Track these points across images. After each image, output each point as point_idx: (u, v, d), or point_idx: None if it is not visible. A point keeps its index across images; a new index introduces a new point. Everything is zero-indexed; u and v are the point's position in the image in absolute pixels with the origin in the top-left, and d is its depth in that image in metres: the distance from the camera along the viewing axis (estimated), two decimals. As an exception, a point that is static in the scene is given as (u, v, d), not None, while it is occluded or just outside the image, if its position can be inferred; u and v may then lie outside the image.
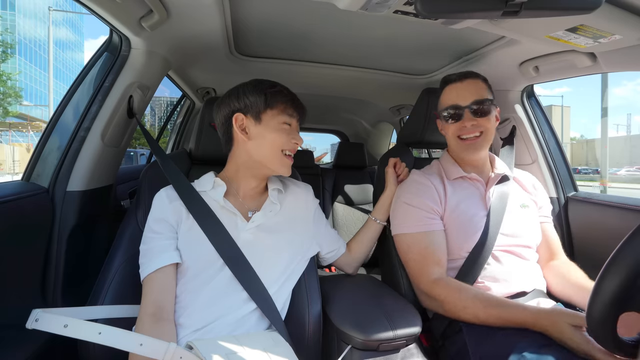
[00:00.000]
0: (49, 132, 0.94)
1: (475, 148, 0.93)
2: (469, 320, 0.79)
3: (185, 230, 0.77)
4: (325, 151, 20.08)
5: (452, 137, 0.96)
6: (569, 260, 0.98)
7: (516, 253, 0.91)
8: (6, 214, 0.75)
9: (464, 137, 0.94)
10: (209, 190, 0.82)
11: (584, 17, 0.65)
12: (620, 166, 31.79)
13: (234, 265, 0.74)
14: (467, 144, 0.94)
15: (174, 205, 0.78)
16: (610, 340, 0.51)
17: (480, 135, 0.92)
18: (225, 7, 0.89)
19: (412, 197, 0.95)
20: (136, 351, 0.60)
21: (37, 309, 0.62)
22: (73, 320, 0.61)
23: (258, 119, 0.81)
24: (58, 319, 0.61)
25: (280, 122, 0.81)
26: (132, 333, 0.62)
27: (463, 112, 0.92)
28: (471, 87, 0.93)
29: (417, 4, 0.53)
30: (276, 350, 0.69)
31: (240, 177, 0.85)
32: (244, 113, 0.81)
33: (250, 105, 0.81)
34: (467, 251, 0.89)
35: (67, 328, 0.60)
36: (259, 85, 0.82)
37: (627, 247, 0.48)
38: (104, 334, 0.60)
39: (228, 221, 0.78)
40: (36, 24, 41.16)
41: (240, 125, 0.81)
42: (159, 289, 0.71)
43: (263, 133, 0.80)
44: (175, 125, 2.21)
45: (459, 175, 0.98)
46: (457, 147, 0.97)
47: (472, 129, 0.92)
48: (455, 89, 0.95)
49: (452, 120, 0.95)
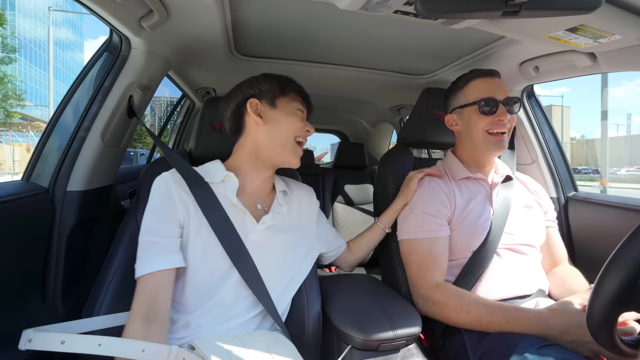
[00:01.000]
0: (49, 132, 0.94)
1: (502, 145, 0.92)
2: (469, 326, 0.78)
3: (195, 230, 0.71)
4: (325, 151, 20.07)
5: (481, 131, 0.92)
6: (571, 267, 0.98)
7: (519, 251, 0.92)
8: (6, 214, 0.75)
9: (493, 131, 0.91)
10: (217, 183, 0.78)
11: (584, 17, 0.65)
12: (620, 166, 31.80)
13: (243, 269, 0.72)
14: (496, 139, 0.91)
15: (181, 195, 0.72)
16: (610, 340, 0.51)
17: (506, 133, 0.92)
18: (225, 7, 0.89)
19: (424, 203, 0.94)
20: (139, 357, 0.59)
21: (28, 330, 0.60)
22: (69, 335, 0.60)
23: (273, 104, 0.81)
24: (53, 336, 0.59)
25: (295, 107, 0.83)
26: (132, 340, 0.61)
27: (497, 106, 0.90)
28: (502, 84, 0.94)
29: (417, 4, 0.53)
30: (279, 349, 0.69)
31: (247, 168, 0.81)
32: (259, 98, 0.82)
33: (265, 91, 0.82)
34: (472, 250, 0.89)
35: (64, 344, 0.58)
36: (270, 75, 0.85)
37: (627, 247, 0.48)
38: (104, 345, 0.59)
39: (237, 220, 0.75)
40: (36, 24, 41.17)
41: (254, 109, 0.81)
42: (156, 291, 0.66)
43: (278, 117, 0.81)
44: (175, 125, 2.21)
45: (465, 175, 0.97)
46: (483, 141, 0.93)
47: (503, 125, 0.90)
48: (487, 83, 0.93)
49: (485, 113, 0.91)
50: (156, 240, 0.69)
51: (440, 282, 0.86)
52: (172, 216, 0.71)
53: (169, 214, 0.71)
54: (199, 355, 0.62)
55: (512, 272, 0.88)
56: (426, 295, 0.86)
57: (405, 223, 0.97)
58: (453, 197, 0.94)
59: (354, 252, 1.04)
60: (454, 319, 0.81)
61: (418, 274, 0.89)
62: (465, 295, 0.81)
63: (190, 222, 0.72)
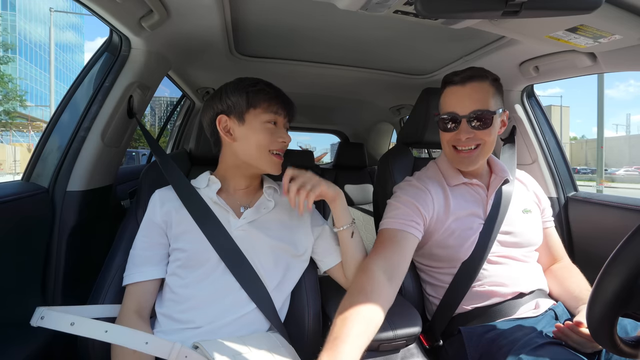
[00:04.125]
0: (49, 132, 0.94)
1: (471, 161, 0.87)
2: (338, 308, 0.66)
3: (176, 225, 0.77)
4: (325, 151, 20.07)
5: (447, 145, 0.90)
6: (571, 264, 0.97)
7: (516, 257, 0.90)
8: (6, 214, 0.75)
9: (458, 148, 0.88)
10: (203, 188, 0.83)
11: (584, 17, 0.65)
12: (619, 166, 31.79)
13: (230, 261, 0.74)
14: (462, 156, 0.87)
15: (165, 208, 0.79)
16: (610, 340, 0.51)
17: (477, 148, 0.86)
18: (225, 6, 0.89)
19: (406, 198, 0.89)
20: (141, 349, 0.61)
21: (42, 307, 0.62)
22: (80, 318, 0.62)
23: (241, 120, 0.79)
24: (64, 317, 0.61)
25: (263, 121, 0.79)
26: (137, 331, 0.63)
27: (460, 122, 0.85)
28: (473, 94, 0.84)
29: (417, 4, 0.53)
30: (281, 351, 0.70)
31: (230, 176, 0.85)
32: (227, 114, 0.80)
33: (232, 106, 0.79)
34: (465, 256, 0.87)
35: (73, 326, 0.61)
36: (240, 84, 0.81)
37: (627, 247, 0.48)
38: (110, 332, 0.61)
39: (220, 218, 0.78)
40: (37, 25, 41.18)
41: (224, 127, 0.80)
42: (142, 295, 0.74)
43: (247, 134, 0.79)
44: (175, 125, 2.21)
45: (460, 182, 0.93)
46: (450, 156, 0.91)
47: (467, 142, 0.85)
48: (456, 94, 0.86)
49: (446, 130, 0.88)
50: (141, 254, 0.77)
51: (375, 269, 0.73)
52: (157, 226, 0.78)
53: (154, 225, 0.78)
54: (203, 355, 0.62)
55: (507, 280, 0.87)
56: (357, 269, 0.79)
57: (385, 215, 0.90)
58: (444, 201, 0.90)
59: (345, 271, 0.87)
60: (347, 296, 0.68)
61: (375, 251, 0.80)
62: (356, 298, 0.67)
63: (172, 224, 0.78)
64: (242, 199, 0.85)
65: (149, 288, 0.75)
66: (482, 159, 0.89)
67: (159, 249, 0.78)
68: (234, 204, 0.83)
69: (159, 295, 0.77)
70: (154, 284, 0.76)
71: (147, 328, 0.71)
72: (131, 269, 0.75)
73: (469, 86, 0.85)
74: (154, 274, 0.76)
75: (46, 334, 0.76)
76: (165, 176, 0.84)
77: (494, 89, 0.86)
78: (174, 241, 0.77)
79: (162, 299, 0.76)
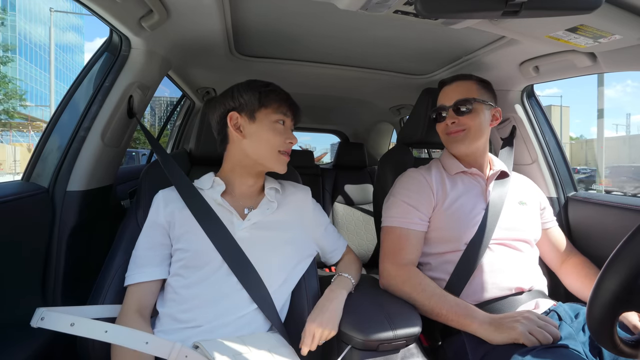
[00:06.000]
0: (49, 132, 0.94)
1: (457, 141, 0.98)
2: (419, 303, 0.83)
3: (179, 226, 0.78)
4: (325, 151, 20.05)
5: (442, 134, 1.04)
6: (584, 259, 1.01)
7: (512, 246, 0.93)
8: (6, 214, 0.75)
9: (448, 131, 1.00)
10: (207, 189, 0.83)
11: (584, 17, 0.65)
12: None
13: (233, 261, 0.75)
14: (451, 137, 0.99)
15: (169, 208, 0.80)
16: (610, 340, 0.51)
17: (463, 131, 0.97)
18: (225, 7, 0.89)
19: (407, 193, 0.97)
20: (141, 349, 0.61)
21: (42, 308, 0.62)
22: (80, 318, 0.62)
23: (252, 118, 0.81)
24: (65, 317, 0.61)
25: (273, 120, 0.82)
26: (137, 331, 0.63)
27: (447, 111, 0.99)
28: (459, 88, 0.99)
29: (417, 4, 0.53)
30: (281, 350, 0.70)
31: (236, 175, 0.86)
32: (239, 112, 0.82)
33: (244, 104, 0.82)
34: (465, 243, 0.90)
35: (73, 327, 0.61)
36: (252, 84, 0.84)
37: (627, 247, 0.48)
38: (110, 332, 0.61)
39: (224, 219, 0.79)
40: (37, 25, 41.19)
41: (234, 124, 0.82)
42: (144, 295, 0.75)
43: (258, 132, 0.81)
44: (175, 125, 2.21)
45: (460, 170, 1.00)
46: (445, 141, 1.04)
47: (454, 126, 0.97)
48: (445, 91, 1.02)
49: (439, 120, 1.03)
50: (144, 255, 0.77)
51: (410, 263, 0.91)
52: (161, 226, 0.79)
53: (157, 225, 0.79)
54: (204, 355, 0.62)
55: (505, 268, 0.89)
56: (393, 271, 0.90)
57: (388, 211, 0.99)
58: (442, 189, 0.97)
59: None
60: (407, 294, 0.85)
61: (392, 250, 0.93)
62: (426, 278, 0.87)
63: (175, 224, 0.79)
64: (245, 201, 0.86)
65: (151, 288, 0.76)
66: (469, 143, 0.98)
67: (162, 249, 0.78)
68: (237, 205, 0.83)
69: (160, 295, 0.78)
70: (156, 284, 0.77)
71: (148, 328, 0.72)
72: (133, 269, 0.76)
73: (455, 84, 1.01)
74: (156, 275, 0.76)
75: (46, 334, 0.76)
76: (167, 176, 0.84)
77: (479, 86, 0.99)
78: (176, 242, 0.78)
79: (164, 299, 0.76)
